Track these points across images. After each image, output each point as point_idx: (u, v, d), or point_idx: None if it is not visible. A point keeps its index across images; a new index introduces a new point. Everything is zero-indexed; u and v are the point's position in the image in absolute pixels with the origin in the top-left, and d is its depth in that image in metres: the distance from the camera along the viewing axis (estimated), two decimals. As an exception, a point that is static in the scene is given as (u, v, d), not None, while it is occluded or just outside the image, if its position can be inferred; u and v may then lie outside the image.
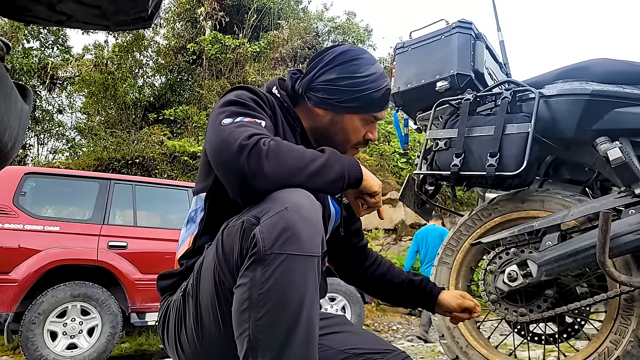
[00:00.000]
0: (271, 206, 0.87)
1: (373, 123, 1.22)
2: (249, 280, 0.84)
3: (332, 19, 14.96)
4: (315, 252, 0.86)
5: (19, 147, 0.69)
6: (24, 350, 3.58)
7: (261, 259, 0.83)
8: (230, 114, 1.04)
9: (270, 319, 0.81)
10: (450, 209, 7.64)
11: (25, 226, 3.79)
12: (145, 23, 0.65)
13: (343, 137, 1.20)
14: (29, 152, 10.92)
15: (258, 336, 0.81)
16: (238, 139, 0.94)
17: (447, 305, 1.32)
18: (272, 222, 0.84)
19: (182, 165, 9.19)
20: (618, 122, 1.73)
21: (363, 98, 1.15)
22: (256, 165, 0.91)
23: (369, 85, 1.15)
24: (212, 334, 0.98)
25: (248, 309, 0.83)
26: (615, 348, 1.59)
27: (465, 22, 2.13)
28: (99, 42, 12.67)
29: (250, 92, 1.13)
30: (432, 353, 4.01)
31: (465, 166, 1.83)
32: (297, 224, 0.84)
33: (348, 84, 1.14)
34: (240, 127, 0.99)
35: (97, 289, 3.91)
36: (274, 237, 0.83)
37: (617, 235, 1.55)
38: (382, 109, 1.21)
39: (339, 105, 1.15)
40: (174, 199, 4.79)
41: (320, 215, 0.90)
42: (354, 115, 1.17)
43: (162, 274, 1.18)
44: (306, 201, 0.89)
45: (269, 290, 0.82)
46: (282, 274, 0.82)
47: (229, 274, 0.91)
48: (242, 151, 0.92)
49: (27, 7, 0.58)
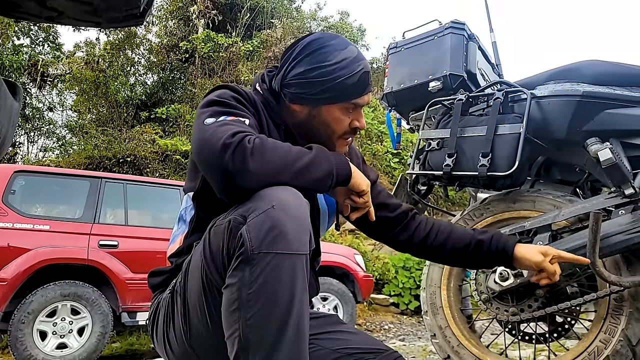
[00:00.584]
0: (258, 205, 0.87)
1: (357, 110, 1.15)
2: (238, 280, 0.83)
3: (325, 19, 14.96)
4: (303, 250, 0.85)
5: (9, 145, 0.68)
6: (13, 350, 3.54)
7: (249, 259, 0.83)
8: (212, 114, 1.02)
9: (260, 319, 0.81)
10: (443, 208, 7.67)
11: (15, 225, 3.75)
12: (137, 20, 0.64)
13: (326, 130, 1.14)
14: (18, 150, 10.81)
15: (248, 336, 0.81)
16: (222, 137, 0.92)
17: (525, 262, 1.22)
18: (259, 221, 0.84)
19: (174, 164, 9.14)
20: (609, 124, 1.75)
21: (336, 87, 1.08)
22: (240, 163, 0.90)
23: (341, 72, 1.08)
24: (200, 333, 0.98)
25: (238, 309, 0.83)
26: (605, 347, 1.61)
27: (458, 23, 2.14)
28: (90, 40, 12.56)
29: (232, 90, 1.10)
30: (423, 352, 4.03)
31: (458, 166, 1.84)
32: (284, 223, 0.84)
33: (318, 75, 1.08)
34: (223, 125, 0.97)
35: (88, 288, 3.88)
36: (261, 236, 0.83)
37: (607, 236, 1.57)
38: (361, 94, 1.12)
39: (314, 99, 1.10)
40: (165, 198, 4.77)
41: (307, 212, 0.90)
42: (331, 106, 1.11)
43: (153, 271, 1.18)
44: (293, 199, 0.88)
45: (258, 290, 0.82)
46: (270, 274, 0.82)
47: (217, 273, 0.91)
48: (227, 149, 0.91)
49: (17, 3, 0.58)
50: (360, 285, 5.11)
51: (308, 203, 0.92)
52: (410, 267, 7.30)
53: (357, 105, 1.14)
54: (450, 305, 2.00)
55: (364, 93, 1.13)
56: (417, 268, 7.20)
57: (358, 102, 1.13)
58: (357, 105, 1.14)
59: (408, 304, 7.09)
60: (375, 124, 10.83)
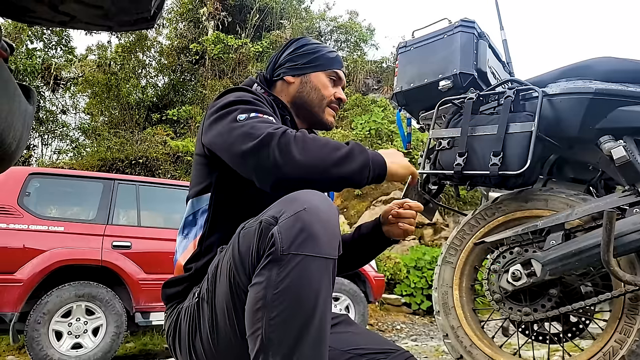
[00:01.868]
0: (289, 207, 0.87)
1: (338, 84, 1.35)
2: (265, 279, 0.83)
3: (334, 19, 14.95)
4: (332, 255, 0.86)
5: (23, 148, 0.69)
6: (29, 350, 3.59)
7: (278, 259, 0.83)
8: (243, 111, 1.08)
9: (283, 319, 0.81)
10: (454, 208, 7.63)
11: (30, 226, 3.80)
12: (148, 23, 0.65)
13: (317, 94, 1.31)
14: (33, 153, 10.96)
15: (270, 336, 0.81)
16: (263, 130, 0.99)
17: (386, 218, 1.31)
18: (291, 222, 0.84)
19: (185, 165, 9.20)
20: (622, 121, 1.72)
21: (322, 57, 1.33)
22: (286, 153, 0.97)
23: (322, 48, 1.35)
24: (229, 338, 0.97)
25: (262, 308, 0.83)
26: (620, 347, 1.59)
27: (467, 21, 2.12)
28: (102, 43, 12.70)
29: (247, 92, 1.18)
30: (436, 352, 4.01)
31: (469, 165, 1.82)
32: (315, 226, 0.84)
33: (306, 49, 1.33)
34: (260, 121, 1.04)
35: (102, 288, 3.92)
36: (292, 237, 0.83)
37: (621, 234, 1.55)
38: (340, 68, 1.36)
39: (305, 67, 1.31)
40: (177, 199, 4.79)
41: (337, 219, 0.90)
42: (319, 73, 1.32)
43: (168, 281, 1.17)
44: (324, 204, 0.89)
45: (284, 291, 0.82)
46: (298, 275, 0.82)
47: (245, 276, 0.90)
48: (271, 140, 0.97)
49: (30, 8, 0.58)
50: (371, 285, 5.10)
51: (338, 210, 0.93)
52: (422, 267, 7.27)
53: (338, 78, 1.35)
54: (462, 305, 1.98)
55: (341, 68, 1.36)
56: (428, 268, 7.17)
57: (339, 74, 1.35)
58: (338, 77, 1.35)
59: (420, 304, 7.06)
60: (385, 123, 10.80)
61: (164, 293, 1.18)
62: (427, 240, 8.74)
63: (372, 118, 10.83)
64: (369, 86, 13.49)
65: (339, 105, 1.35)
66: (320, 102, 1.31)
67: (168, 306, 1.16)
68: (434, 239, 8.75)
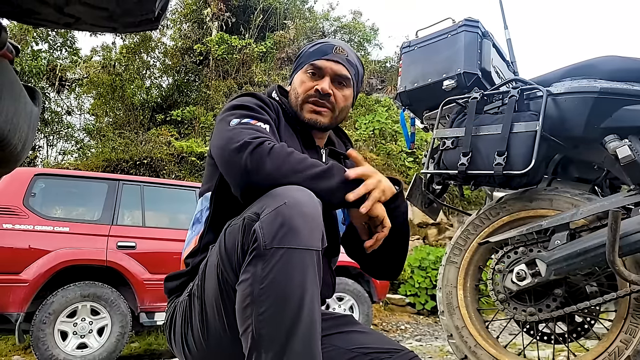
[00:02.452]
0: (270, 202, 0.89)
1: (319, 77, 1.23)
2: (251, 275, 0.85)
3: (338, 19, 14.94)
4: (315, 245, 0.86)
5: (29, 149, 0.69)
6: (35, 350, 3.61)
7: (262, 254, 0.84)
8: (237, 116, 1.10)
9: (272, 314, 0.82)
10: (458, 208, 7.61)
11: (36, 227, 3.83)
12: (152, 25, 0.65)
13: (294, 95, 1.25)
14: (38, 154, 11.01)
15: (261, 332, 0.82)
16: (243, 137, 1.00)
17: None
18: (271, 217, 0.86)
19: (190, 165, 9.22)
20: (627, 120, 1.72)
21: (303, 56, 1.28)
22: (258, 161, 0.96)
23: (307, 46, 1.30)
24: (218, 334, 0.99)
25: (250, 305, 0.84)
26: (626, 347, 1.58)
27: (471, 21, 2.12)
28: (106, 44, 12.74)
29: (256, 98, 1.20)
30: (440, 353, 4.00)
31: (473, 165, 1.82)
32: (295, 219, 0.85)
33: (298, 53, 1.31)
34: (247, 128, 1.05)
35: (107, 289, 3.94)
36: (273, 231, 0.84)
37: (626, 234, 1.54)
38: (319, 57, 1.23)
39: (293, 72, 1.30)
40: (181, 199, 4.81)
41: (319, 211, 0.91)
42: (299, 73, 1.26)
43: (169, 275, 1.20)
44: (305, 197, 0.90)
45: (270, 285, 0.83)
46: (282, 268, 0.83)
47: (232, 272, 0.92)
48: (246, 148, 0.98)
49: (35, 10, 0.59)
50: (375, 285, 5.09)
51: (320, 202, 0.93)
52: (426, 267, 7.25)
53: (319, 70, 1.23)
54: (466, 305, 1.98)
55: (322, 57, 1.23)
56: (433, 268, 7.15)
57: (316, 64, 1.23)
58: (318, 68, 1.23)
59: (424, 304, 7.05)
60: (389, 123, 10.78)
61: (165, 287, 1.20)
62: (432, 240, 8.72)
63: (375, 118, 10.82)
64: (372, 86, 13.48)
65: (321, 97, 1.21)
66: (296, 100, 1.24)
67: (168, 300, 1.19)
68: (438, 238, 8.73)
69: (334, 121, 1.26)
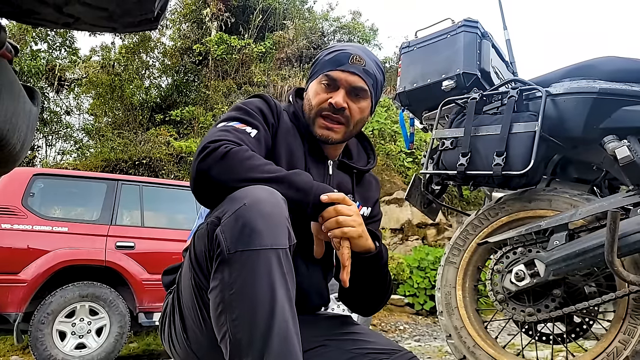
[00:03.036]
0: (230, 205, 0.87)
1: (333, 88, 1.16)
2: (219, 282, 0.84)
3: (337, 19, 14.93)
4: (279, 244, 0.84)
5: (28, 149, 0.69)
6: (34, 350, 3.61)
7: (226, 260, 0.83)
8: (227, 118, 1.10)
9: (245, 318, 0.81)
10: (457, 208, 7.61)
11: (34, 227, 3.82)
12: (152, 25, 0.65)
13: (307, 106, 1.20)
14: (37, 154, 11.00)
15: (237, 336, 0.81)
16: (206, 140, 0.99)
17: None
18: (232, 220, 0.85)
19: (189, 165, 9.20)
20: (626, 121, 1.72)
21: (319, 63, 1.21)
22: (204, 167, 0.95)
23: (324, 53, 1.22)
24: (197, 335, 1.00)
25: (223, 311, 0.83)
26: (624, 348, 1.58)
27: (471, 21, 2.12)
28: (105, 44, 12.72)
29: (262, 100, 1.18)
30: (439, 353, 4.00)
31: (472, 165, 1.82)
32: (255, 220, 0.83)
33: (315, 58, 1.24)
34: (222, 131, 1.04)
35: (105, 289, 3.93)
36: (235, 235, 0.83)
37: (625, 235, 1.54)
38: (334, 68, 1.16)
39: (309, 79, 1.23)
40: (180, 200, 4.81)
41: (282, 207, 0.88)
42: (313, 82, 1.20)
43: (166, 269, 1.22)
44: (265, 195, 0.88)
45: (240, 290, 0.82)
46: (248, 271, 0.82)
47: (203, 277, 0.92)
48: (201, 152, 0.97)
49: (35, 10, 0.59)
50: (374, 286, 5.08)
51: (284, 200, 0.91)
52: (425, 267, 7.25)
53: (334, 81, 1.16)
54: (465, 306, 1.98)
55: (337, 67, 1.16)
56: (432, 268, 7.16)
57: (331, 75, 1.16)
58: (333, 79, 1.16)
59: (423, 305, 7.05)
60: (388, 123, 10.79)
61: (163, 280, 1.23)
62: (430, 240, 8.72)
63: (375, 118, 10.82)
64: (372, 86, 13.45)
65: (335, 112, 1.15)
66: (309, 112, 1.19)
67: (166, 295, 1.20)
68: (437, 239, 8.73)
69: (347, 135, 1.20)
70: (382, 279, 1.15)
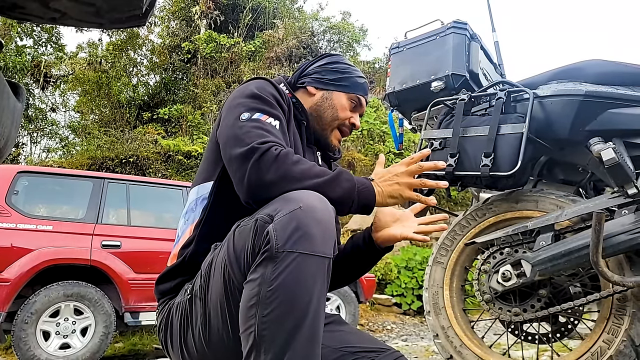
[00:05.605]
0: (285, 205, 0.88)
1: (357, 110, 1.32)
2: (260, 276, 0.84)
3: (327, 19, 14.94)
4: (328, 253, 0.86)
5: (12, 146, 0.68)
6: (17, 350, 3.55)
7: (273, 256, 0.83)
8: (248, 109, 1.08)
9: (276, 317, 0.81)
10: (445, 209, 7.66)
11: (18, 225, 3.76)
12: (140, 21, 0.64)
13: (332, 113, 1.28)
14: (21, 151, 10.84)
15: (263, 333, 0.81)
16: (252, 140, 0.99)
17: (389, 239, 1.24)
18: (286, 220, 0.85)
19: (177, 164, 9.16)
20: (611, 123, 1.74)
21: (350, 79, 1.30)
22: (262, 171, 0.96)
23: (353, 71, 1.32)
24: (221, 336, 0.98)
25: (256, 305, 0.83)
26: (608, 347, 1.60)
27: (460, 23, 2.13)
28: (92, 41, 12.63)
29: (272, 86, 1.18)
30: (426, 353, 4.02)
31: (460, 166, 1.83)
32: (310, 224, 0.85)
33: (336, 67, 1.31)
34: (256, 127, 1.03)
35: (91, 288, 3.88)
36: (287, 235, 0.84)
37: (610, 236, 1.56)
38: (365, 95, 1.33)
39: (330, 83, 1.29)
40: (168, 199, 4.77)
41: (333, 218, 0.90)
42: (342, 94, 1.29)
43: (161, 276, 1.17)
44: (319, 203, 0.90)
45: (278, 288, 0.82)
46: (292, 273, 0.82)
47: (240, 273, 0.91)
48: (253, 154, 0.97)
49: (20, 4, 0.58)
50: (362, 286, 5.10)
51: (334, 209, 0.93)
52: (412, 267, 7.29)
53: (359, 104, 1.32)
54: (452, 306, 2.00)
55: (366, 94, 1.34)
56: (419, 268, 7.20)
57: (360, 100, 1.32)
58: (359, 103, 1.32)
59: (410, 304, 7.09)
60: (377, 124, 10.82)
61: (156, 289, 1.18)
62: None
63: (364, 118, 10.85)
64: (361, 87, 13.48)
65: (350, 131, 1.33)
66: (333, 121, 1.28)
67: (160, 302, 1.17)
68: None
69: None
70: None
